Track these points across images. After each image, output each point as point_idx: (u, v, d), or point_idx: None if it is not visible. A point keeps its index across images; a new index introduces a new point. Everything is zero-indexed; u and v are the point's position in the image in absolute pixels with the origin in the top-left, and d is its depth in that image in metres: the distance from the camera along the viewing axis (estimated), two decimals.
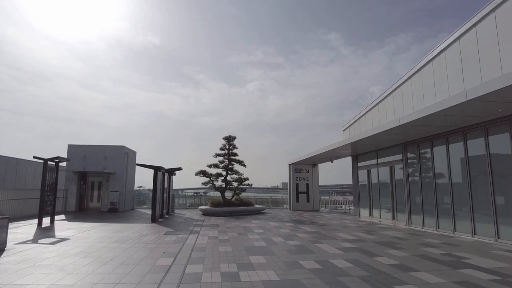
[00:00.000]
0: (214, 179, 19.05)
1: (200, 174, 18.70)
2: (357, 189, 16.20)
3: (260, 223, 13.22)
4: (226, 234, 10.05)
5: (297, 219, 15.01)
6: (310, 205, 21.11)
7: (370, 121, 14.90)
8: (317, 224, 12.70)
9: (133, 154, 21.81)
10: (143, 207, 22.59)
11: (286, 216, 16.37)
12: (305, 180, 21.39)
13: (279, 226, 12.17)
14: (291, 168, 21.45)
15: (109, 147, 19.80)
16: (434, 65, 10.54)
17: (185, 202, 24.28)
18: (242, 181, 19.18)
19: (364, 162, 15.54)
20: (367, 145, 13.43)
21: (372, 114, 14.83)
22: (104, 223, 12.79)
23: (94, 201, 19.81)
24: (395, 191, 12.91)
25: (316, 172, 21.69)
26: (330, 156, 17.79)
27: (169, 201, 17.63)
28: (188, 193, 51.97)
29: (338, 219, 15.02)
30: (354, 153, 16.17)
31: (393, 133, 10.42)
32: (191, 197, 29.87)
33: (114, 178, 19.47)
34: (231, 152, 19.41)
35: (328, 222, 13.46)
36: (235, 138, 19.56)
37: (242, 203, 18.23)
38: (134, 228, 11.34)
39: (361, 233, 10.16)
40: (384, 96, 13.97)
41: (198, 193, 42.21)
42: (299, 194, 21.17)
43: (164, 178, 15.95)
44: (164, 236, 9.64)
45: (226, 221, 13.90)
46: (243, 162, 19.48)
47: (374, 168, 14.59)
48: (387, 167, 13.49)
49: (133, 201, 21.70)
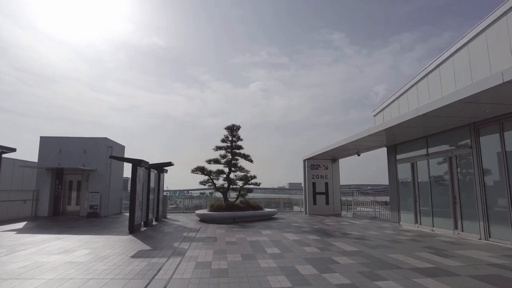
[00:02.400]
0: (215, 177, 15.71)
1: (197, 171, 15.37)
2: (396, 189, 12.69)
3: (273, 234, 9.82)
4: (225, 257, 6.67)
5: (320, 228, 11.57)
6: (329, 208, 17.64)
7: (416, 99, 11.40)
8: (352, 237, 9.26)
9: (120, 148, 18.58)
10: None
11: (304, 223, 12.94)
12: (323, 178, 17.91)
13: (300, 240, 8.75)
14: (307, 164, 18.00)
15: (89, 140, 16.59)
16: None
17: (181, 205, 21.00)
18: (248, 179, 15.82)
19: (407, 153, 12.03)
20: (414, 129, 9.95)
21: (419, 89, 11.32)
22: (65, 235, 9.53)
23: (72, 204, 16.61)
24: (458, 190, 9.41)
25: (336, 169, 18.20)
26: (356, 148, 14.31)
27: (159, 204, 14.33)
28: (194, 194, 49.03)
29: (374, 227, 11.54)
30: (391, 143, 12.67)
31: (477, 102, 6.95)
32: (197, 198, 26.80)
33: (95, 176, 16.25)
34: (235, 144, 16.05)
35: (365, 234, 10.00)
36: (240, 127, 16.21)
37: (248, 206, 14.85)
38: (98, 244, 8.05)
39: (430, 255, 6.70)
40: (431, 69, 10.50)
41: (204, 194, 39.39)
42: (317, 195, 17.70)
43: (150, 176, 12.65)
44: (129, 260, 6.30)
45: (228, 231, 10.54)
46: (249, 157, 16.11)
47: (423, 161, 11.08)
48: (445, 158, 9.99)
49: (121, 203, 18.43)
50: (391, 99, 13.21)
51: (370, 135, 10.53)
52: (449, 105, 6.97)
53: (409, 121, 8.44)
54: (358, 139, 11.35)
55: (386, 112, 13.56)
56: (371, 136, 10.88)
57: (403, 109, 12.15)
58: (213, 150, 15.89)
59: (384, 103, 13.99)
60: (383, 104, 14.03)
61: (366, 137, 10.90)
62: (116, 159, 10.88)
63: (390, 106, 13.21)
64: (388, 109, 13.37)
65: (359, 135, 11.24)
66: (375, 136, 10.93)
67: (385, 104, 13.88)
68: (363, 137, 10.94)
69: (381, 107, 14.23)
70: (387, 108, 13.51)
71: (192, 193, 61.21)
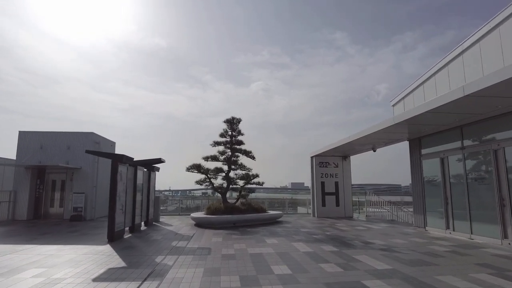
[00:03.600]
0: (213, 176, 14.04)
1: (193, 169, 13.69)
2: (420, 188, 10.96)
3: (280, 244, 8.13)
4: (218, 281, 4.99)
5: (334, 234, 9.87)
6: (340, 210, 15.92)
7: (446, 82, 9.67)
8: (377, 248, 7.55)
9: (110, 144, 16.96)
10: None
11: (314, 228, 11.23)
12: (333, 177, 16.20)
13: (314, 254, 7.06)
14: (315, 162, 16.28)
15: (73, 135, 14.97)
16: None
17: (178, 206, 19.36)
18: (250, 178, 14.14)
19: (435, 147, 10.31)
20: (451, 116, 8.23)
21: (449, 71, 9.59)
22: (28, 246, 7.89)
23: (56, 206, 15.00)
24: (508, 191, 7.68)
25: (347, 167, 16.47)
26: (372, 143, 12.59)
27: (149, 207, 12.68)
28: (197, 194, 47.23)
29: (397, 234, 9.82)
30: (415, 135, 10.94)
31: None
32: (199, 198, 25.18)
33: (80, 175, 14.63)
34: (235, 139, 14.37)
35: (391, 243, 8.29)
36: (240, 120, 14.52)
37: (250, 208, 13.16)
38: (61, 258, 6.40)
39: (494, 278, 4.98)
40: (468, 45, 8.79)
41: (206, 193, 37.72)
42: (326, 196, 15.99)
43: (137, 174, 11.00)
44: (88, 287, 4.65)
45: (226, 239, 8.87)
46: (251, 153, 14.43)
47: (456, 155, 9.36)
48: (487, 152, 8.27)
49: None
50: (414, 85, 11.49)
51: (395, 124, 8.81)
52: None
53: (451, 103, 6.73)
54: (379, 130, 9.62)
55: (408, 100, 11.83)
56: (396, 127, 9.17)
57: (430, 95, 10.42)
58: (211, 146, 14.23)
59: (405, 91, 12.27)
60: (404, 92, 12.32)
61: (391, 128, 9.18)
62: (93, 153, 9.23)
63: (413, 93, 11.48)
64: (410, 97, 11.64)
65: (381, 125, 9.52)
66: (400, 126, 9.23)
67: (406, 92, 12.16)
68: (386, 127, 9.22)
69: (400, 95, 12.51)
70: (409, 96, 11.79)
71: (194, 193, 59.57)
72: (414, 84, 11.52)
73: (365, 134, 10.45)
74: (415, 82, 11.42)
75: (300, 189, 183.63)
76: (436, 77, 10.17)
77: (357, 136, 11.10)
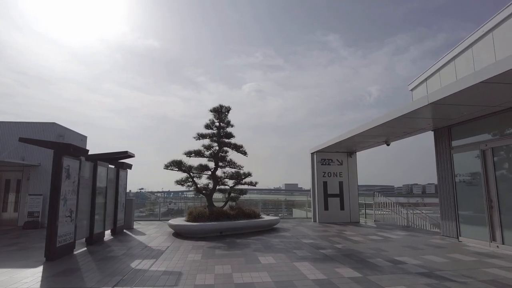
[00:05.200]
0: (196, 175, 11.80)
1: (172, 166, 11.43)
2: (451, 189, 8.87)
3: (279, 266, 5.94)
4: None
5: (347, 248, 7.71)
6: (345, 215, 13.80)
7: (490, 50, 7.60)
8: (413, 272, 5.40)
9: (80, 139, 14.61)
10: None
11: (318, 238, 9.07)
12: (337, 176, 14.08)
13: (328, 283, 4.89)
14: (315, 159, 14.14)
15: (32, 126, 12.61)
16: None
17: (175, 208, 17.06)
18: (241, 177, 11.94)
19: (472, 137, 8.24)
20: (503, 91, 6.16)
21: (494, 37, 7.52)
22: None
23: (9, 211, 12.60)
24: None
25: (353, 165, 14.37)
26: (387, 134, 10.50)
27: (116, 211, 10.39)
28: (189, 195, 44.68)
29: (426, 248, 7.71)
30: (444, 123, 8.86)
31: None
32: (191, 199, 22.96)
33: (38, 173, 12.27)
34: (224, 132, 12.15)
35: (427, 262, 6.15)
36: (230, 109, 12.31)
37: (240, 213, 10.95)
38: None
39: None
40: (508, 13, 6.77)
41: (199, 194, 35.13)
42: (329, 198, 13.85)
43: (98, 172, 8.73)
44: None
45: (206, 257, 6.66)
46: (242, 148, 12.24)
47: (504, 146, 7.29)
48: None
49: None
50: (439, 64, 9.44)
51: (430, 105, 6.72)
52: None
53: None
54: (403, 115, 7.52)
55: (433, 81, 9.77)
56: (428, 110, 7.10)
57: (462, 72, 8.36)
58: (194, 139, 11.98)
59: (426, 73, 10.23)
60: (425, 74, 10.27)
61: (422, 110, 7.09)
62: (27, 142, 6.95)
63: (439, 73, 9.42)
64: (435, 77, 9.58)
65: (407, 108, 7.42)
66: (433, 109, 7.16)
67: (428, 73, 10.11)
68: (415, 110, 7.12)
69: (421, 78, 10.46)
70: (434, 77, 9.73)
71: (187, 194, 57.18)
72: (439, 63, 9.47)
73: (384, 121, 8.33)
74: (441, 60, 9.37)
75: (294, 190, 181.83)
76: (473, 49, 8.10)
77: (371, 125, 8.97)
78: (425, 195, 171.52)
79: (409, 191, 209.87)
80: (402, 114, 7.58)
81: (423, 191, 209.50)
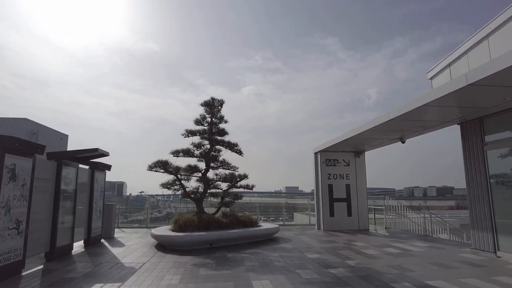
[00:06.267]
0: (185, 177, 10.38)
1: (157, 167, 10.01)
2: (485, 193, 7.43)
3: None
4: None
5: (362, 266, 6.27)
6: (353, 221, 12.35)
7: None
8: None
9: (59, 137, 13.24)
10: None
11: (326, 252, 7.64)
12: (343, 178, 12.65)
13: None
14: (320, 159, 12.72)
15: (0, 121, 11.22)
16: None
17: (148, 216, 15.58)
18: (236, 180, 10.53)
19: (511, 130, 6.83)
20: None
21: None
22: None
23: None
24: None
25: (361, 165, 12.94)
26: (402, 129, 9.09)
27: (91, 219, 8.96)
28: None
29: (461, 266, 6.27)
30: (474, 113, 7.44)
31: None
32: (191, 203, 21.63)
33: None
34: (217, 128, 10.76)
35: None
36: (223, 103, 10.91)
37: (235, 221, 9.52)
38: None
39: None
40: None
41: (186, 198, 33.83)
42: (335, 203, 12.42)
43: (63, 172, 7.31)
44: None
45: (187, 279, 5.23)
46: (237, 147, 10.83)
47: None
48: None
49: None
50: (466, 46, 8.05)
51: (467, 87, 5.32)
52: None
53: None
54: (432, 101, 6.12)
55: (459, 65, 8.36)
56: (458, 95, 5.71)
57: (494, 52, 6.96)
58: (183, 136, 10.56)
59: (447, 58, 8.85)
60: (446, 60, 8.89)
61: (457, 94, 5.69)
62: None
63: (467, 55, 8.03)
64: (462, 61, 8.18)
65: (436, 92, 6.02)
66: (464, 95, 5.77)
67: (453, 57, 8.72)
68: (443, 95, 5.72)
69: (442, 64, 9.08)
70: (459, 61, 8.34)
71: None
72: (465, 45, 8.07)
73: (404, 112, 6.93)
74: (469, 41, 7.98)
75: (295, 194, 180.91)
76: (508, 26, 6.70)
77: (387, 117, 7.55)
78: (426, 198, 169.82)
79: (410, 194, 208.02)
80: (428, 101, 6.18)
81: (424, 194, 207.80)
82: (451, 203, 76.31)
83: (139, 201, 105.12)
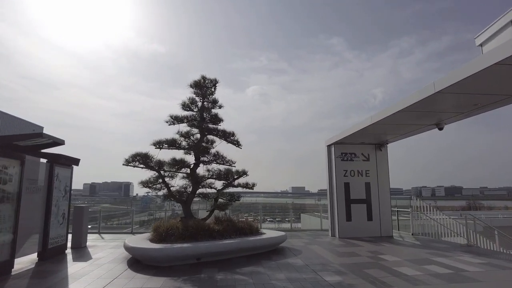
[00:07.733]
0: (169, 174, 8.45)
1: (136, 162, 8.10)
2: None
3: None
4: None
5: None
6: (374, 227, 10.33)
7: None
8: None
9: (32, 129, 11.43)
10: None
11: (350, 272, 5.65)
12: (362, 175, 10.63)
13: None
14: (334, 153, 10.71)
15: None
16: None
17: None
18: (232, 177, 8.59)
19: None
20: None
21: None
22: None
23: None
24: None
25: (384, 160, 10.90)
26: (443, 110, 7.05)
27: (48, 225, 7.07)
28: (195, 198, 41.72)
29: None
30: None
31: None
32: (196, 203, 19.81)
33: None
34: (209, 114, 8.82)
35: None
36: (217, 83, 8.95)
37: (230, 228, 7.56)
38: None
39: None
40: None
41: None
42: (352, 205, 10.41)
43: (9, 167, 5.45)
44: None
45: None
46: (234, 137, 8.88)
47: None
48: None
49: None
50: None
51: None
52: None
53: None
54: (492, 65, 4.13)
55: None
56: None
57: None
58: (167, 123, 8.61)
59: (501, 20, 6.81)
60: (501, 21, 6.85)
61: None
62: None
63: None
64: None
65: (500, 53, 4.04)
66: None
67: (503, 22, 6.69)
68: None
69: (494, 27, 7.03)
70: None
71: None
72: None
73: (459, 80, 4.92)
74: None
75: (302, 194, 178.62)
76: None
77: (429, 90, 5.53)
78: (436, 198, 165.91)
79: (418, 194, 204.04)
80: (500, 59, 4.17)
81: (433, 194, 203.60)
82: (461, 203, 73.71)
83: (145, 201, 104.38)
